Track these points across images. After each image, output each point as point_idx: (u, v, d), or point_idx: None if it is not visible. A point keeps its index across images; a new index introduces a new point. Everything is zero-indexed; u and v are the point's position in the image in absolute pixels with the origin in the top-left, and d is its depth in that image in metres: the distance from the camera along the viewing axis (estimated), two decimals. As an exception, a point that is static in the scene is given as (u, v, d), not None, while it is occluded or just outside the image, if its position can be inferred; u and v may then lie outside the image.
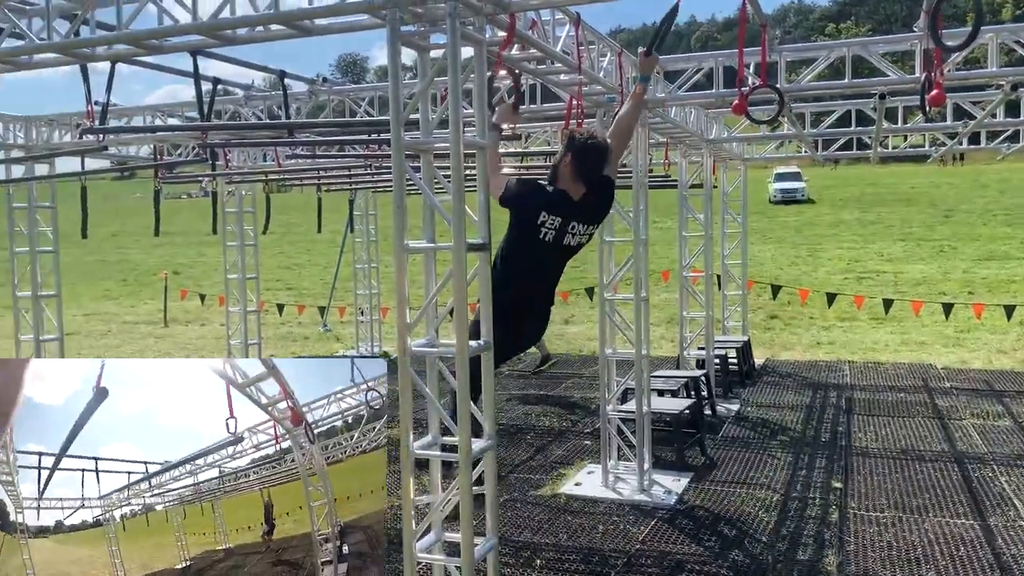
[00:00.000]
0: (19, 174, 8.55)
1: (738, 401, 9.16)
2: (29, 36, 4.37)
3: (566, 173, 4.41)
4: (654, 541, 5.35)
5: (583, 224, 4.43)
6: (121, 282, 26.86)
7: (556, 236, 4.33)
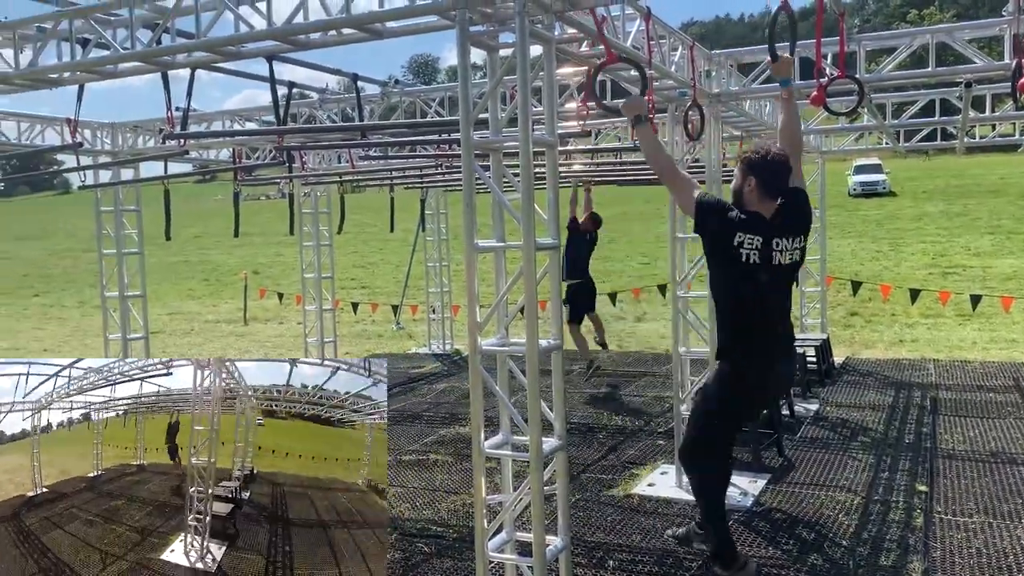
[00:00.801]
0: (106, 179, 8.89)
1: (817, 401, 8.92)
2: (114, 46, 4.54)
3: (753, 197, 4.04)
4: (730, 543, 5.24)
5: (788, 239, 4.00)
6: (203, 282, 27.74)
7: (762, 256, 3.91)
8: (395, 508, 6.17)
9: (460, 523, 5.81)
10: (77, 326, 19.62)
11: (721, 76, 6.27)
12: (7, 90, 5.19)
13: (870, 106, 7.09)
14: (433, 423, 8.81)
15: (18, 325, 20.49)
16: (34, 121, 7.96)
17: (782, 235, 3.98)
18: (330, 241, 11.65)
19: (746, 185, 4.07)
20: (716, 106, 6.15)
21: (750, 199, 4.04)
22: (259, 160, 9.90)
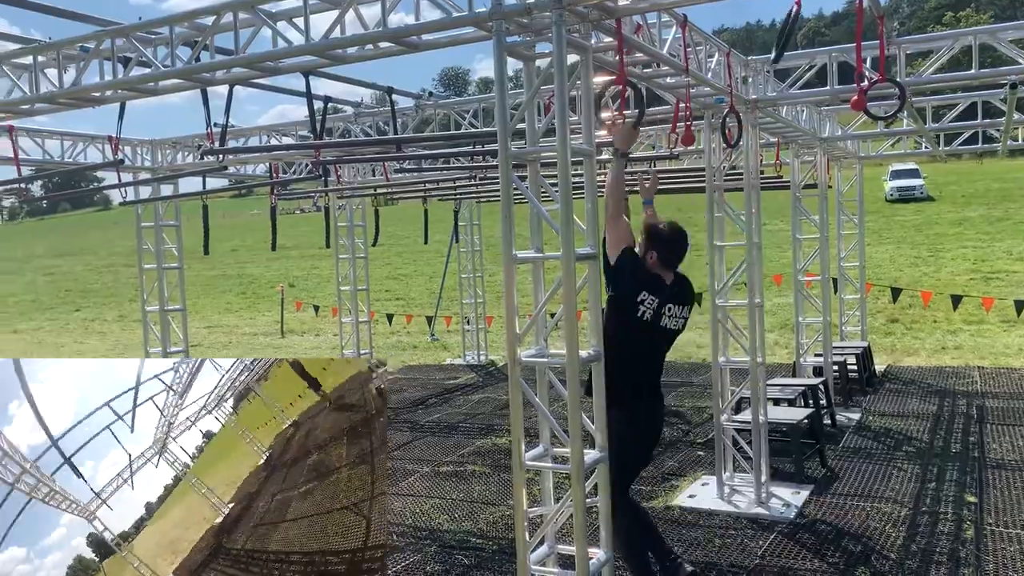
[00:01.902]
0: (146, 195, 9.02)
1: (859, 410, 8.77)
2: (155, 64, 4.60)
3: (654, 265, 4.40)
4: (774, 556, 5.15)
5: (678, 307, 4.40)
6: (240, 295, 28.04)
7: (654, 316, 4.25)
8: (434, 520, 6.16)
9: (499, 535, 5.78)
10: (118, 340, 19.94)
11: (758, 82, 6.20)
12: (51, 109, 5.29)
13: (911, 110, 6.97)
14: (470, 434, 8.79)
15: (60, 339, 20.87)
16: (76, 139, 8.11)
17: (674, 302, 4.36)
18: (365, 253, 11.72)
19: (648, 257, 4.41)
20: (753, 113, 6.08)
21: (652, 266, 4.41)
22: (295, 174, 9.99)
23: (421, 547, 5.62)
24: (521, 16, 3.54)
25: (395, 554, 5.52)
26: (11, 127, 7.18)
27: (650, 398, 4.40)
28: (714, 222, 6.14)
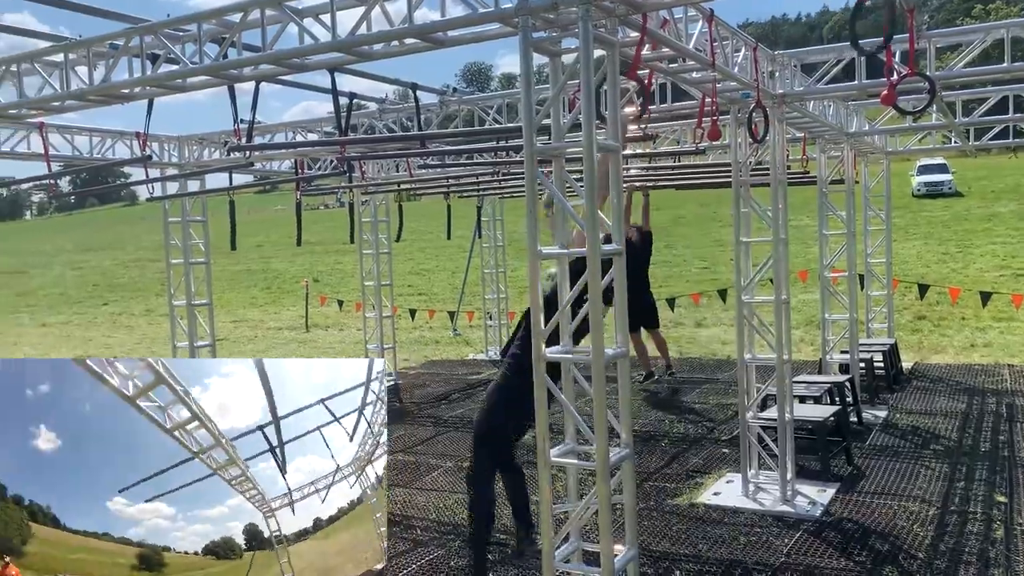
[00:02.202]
0: (173, 190, 9.10)
1: (885, 407, 8.68)
2: (183, 60, 4.64)
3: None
4: (799, 555, 5.12)
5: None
6: (265, 290, 28.26)
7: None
8: (457, 515, 6.17)
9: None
10: (144, 334, 20.16)
11: (785, 77, 6.15)
12: (81, 106, 5.35)
13: (940, 104, 6.88)
14: (493, 430, 8.78)
15: (88, 333, 21.13)
16: (105, 135, 8.19)
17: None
18: (388, 249, 11.76)
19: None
20: (780, 107, 6.03)
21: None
22: (320, 170, 10.04)
23: (445, 542, 5.64)
24: (547, 12, 3.53)
25: (419, 549, 5.54)
26: (42, 124, 7.26)
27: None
28: (740, 218, 6.09)
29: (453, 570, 5.17)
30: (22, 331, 22.47)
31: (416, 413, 9.82)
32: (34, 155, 7.52)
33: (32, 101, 5.27)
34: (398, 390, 11.25)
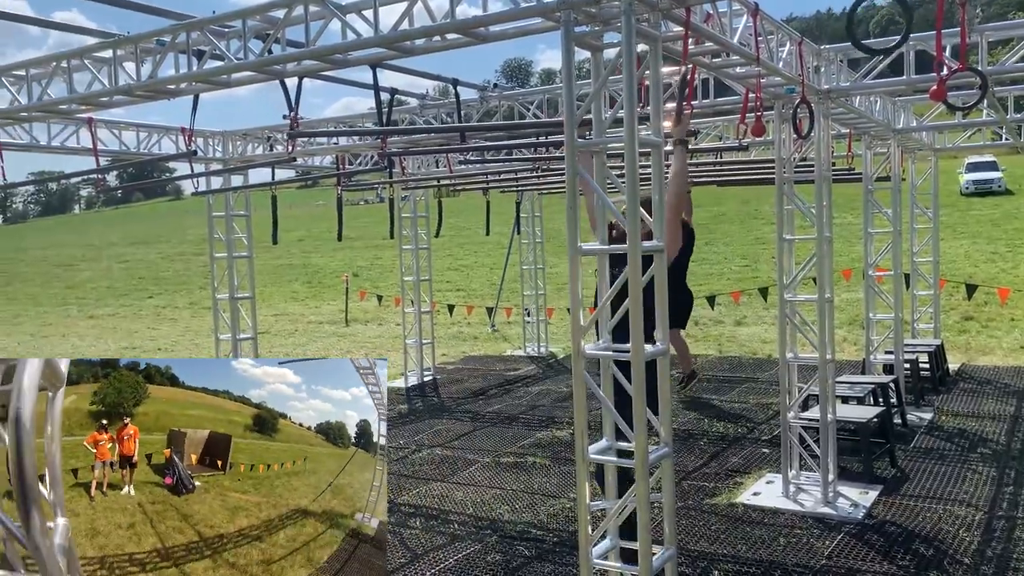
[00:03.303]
0: (217, 185, 9.24)
1: (931, 409, 8.51)
2: (228, 56, 4.69)
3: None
4: (841, 557, 5.04)
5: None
6: (306, 284, 28.58)
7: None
8: (494, 510, 6.18)
9: (560, 527, 5.78)
10: (188, 326, 20.51)
11: (831, 72, 6.04)
12: (128, 101, 5.44)
13: (992, 100, 6.71)
14: (530, 425, 8.80)
15: (133, 325, 21.56)
16: (151, 131, 8.34)
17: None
18: (428, 244, 11.81)
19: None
20: (825, 103, 5.93)
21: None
22: (361, 166, 10.11)
23: (482, 536, 5.65)
24: (589, 6, 3.51)
25: (456, 543, 5.56)
26: (90, 119, 7.41)
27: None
28: (783, 215, 6.00)
29: (490, 565, 5.17)
30: (71, 323, 23.00)
31: (453, 408, 9.85)
32: (83, 150, 7.67)
33: (81, 96, 5.37)
34: (436, 385, 11.31)
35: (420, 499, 6.54)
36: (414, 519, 6.09)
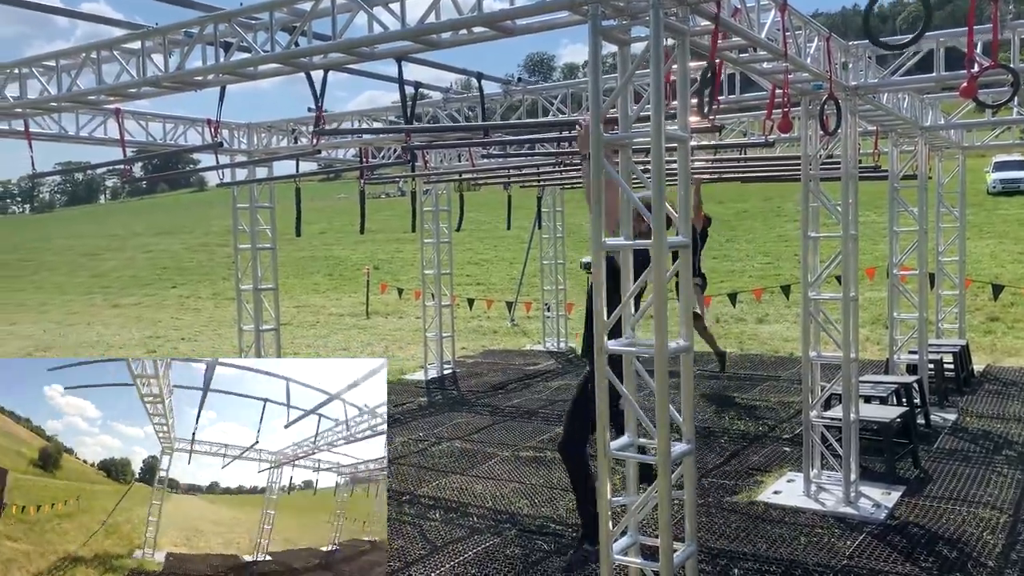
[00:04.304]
0: (242, 177, 9.29)
1: (955, 410, 8.42)
2: (255, 48, 4.72)
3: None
4: (863, 558, 5.00)
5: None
6: (327, 276, 28.71)
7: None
8: (514, 504, 6.20)
9: (578, 521, 5.75)
10: (211, 317, 20.67)
11: (858, 68, 5.98)
12: (156, 92, 5.49)
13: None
14: (549, 420, 8.80)
15: (157, 315, 21.76)
16: (177, 122, 8.40)
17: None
18: (449, 238, 11.83)
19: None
20: (853, 100, 5.87)
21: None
22: (384, 159, 10.14)
23: (501, 530, 5.67)
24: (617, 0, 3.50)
25: (475, 536, 5.58)
26: (118, 110, 7.48)
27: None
28: (809, 212, 5.95)
29: (509, 558, 5.18)
30: (95, 311, 23.26)
31: (473, 402, 9.88)
32: (110, 140, 7.74)
33: (110, 87, 5.42)
34: (456, 378, 11.33)
35: (440, 491, 6.57)
36: (434, 511, 6.11)
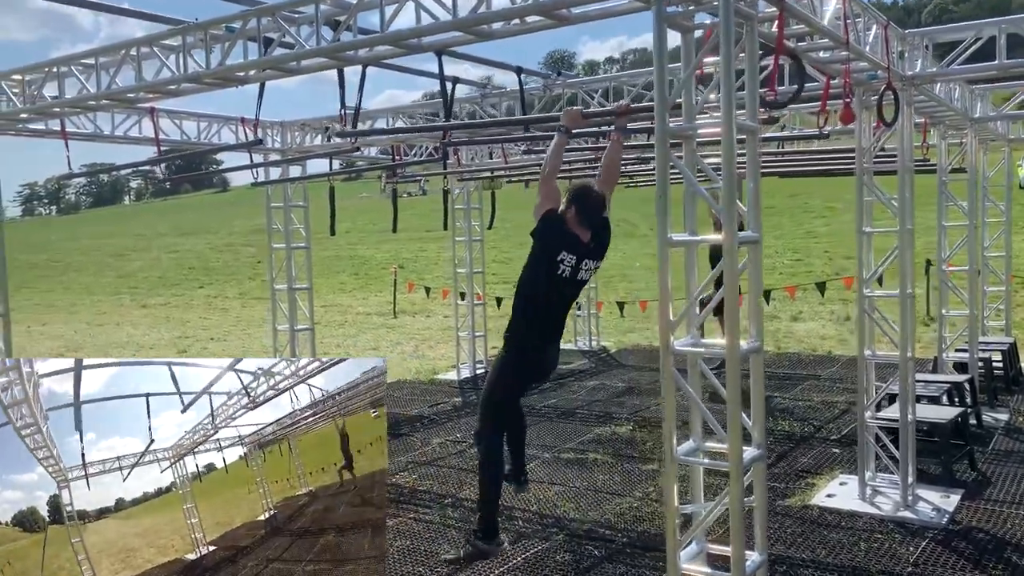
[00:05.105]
0: (275, 176, 9.21)
1: (1007, 410, 8.18)
2: (299, 42, 4.60)
3: (573, 223, 4.71)
4: (928, 565, 4.81)
5: (592, 260, 4.82)
6: (353, 275, 28.69)
7: (572, 272, 4.72)
8: (559, 508, 6.05)
9: (627, 527, 5.62)
10: (239, 316, 20.68)
11: (913, 57, 5.78)
12: (196, 89, 5.39)
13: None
14: (588, 421, 8.65)
15: (186, 315, 21.81)
16: (211, 120, 8.33)
17: (590, 257, 4.78)
18: (481, 236, 11.71)
19: (568, 212, 4.72)
20: (909, 90, 5.67)
21: (570, 223, 4.71)
22: (415, 157, 10.02)
23: (548, 535, 5.52)
24: (683, -15, 3.35)
25: (522, 541, 5.44)
26: (152, 108, 7.41)
27: (549, 345, 5.04)
28: (863, 207, 5.76)
29: (559, 565, 5.04)
30: (124, 312, 23.37)
31: (509, 402, 9.72)
32: (145, 139, 7.68)
33: (150, 84, 5.34)
34: (489, 378, 11.19)
35: (482, 495, 6.42)
36: (477, 515, 5.97)
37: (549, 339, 5.01)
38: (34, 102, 6.06)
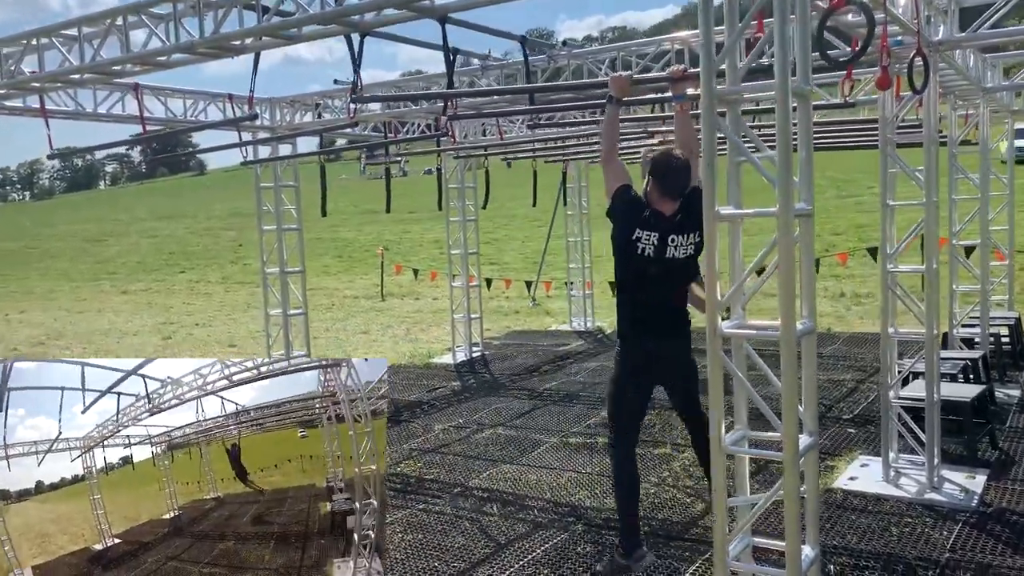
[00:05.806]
0: (264, 154, 8.85)
1: (1017, 386, 8.04)
2: (301, 6, 4.29)
3: (654, 196, 4.32)
4: (966, 550, 4.63)
5: (684, 235, 4.29)
6: (336, 258, 28.27)
7: (656, 251, 4.26)
8: (573, 495, 5.84)
9: (647, 514, 5.40)
10: (223, 301, 20.27)
11: (938, 22, 5.55)
12: (189, 60, 5.06)
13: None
14: (592, 404, 8.43)
15: (168, 301, 21.37)
16: (197, 98, 7.97)
17: (678, 232, 4.26)
18: (475, 216, 11.43)
19: (647, 185, 4.35)
20: (935, 56, 5.44)
21: (652, 198, 4.31)
22: (408, 134, 9.70)
23: (566, 525, 5.30)
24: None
25: (540, 532, 5.22)
26: (136, 85, 7.06)
27: (657, 338, 4.39)
28: (887, 179, 5.54)
29: (582, 557, 4.82)
30: (104, 298, 22.88)
31: (508, 385, 9.51)
32: (129, 117, 7.32)
33: (139, 55, 5.00)
34: (486, 361, 10.97)
35: (492, 482, 6.21)
36: (490, 504, 5.75)
37: (654, 330, 4.37)
38: (12, 76, 5.69)
